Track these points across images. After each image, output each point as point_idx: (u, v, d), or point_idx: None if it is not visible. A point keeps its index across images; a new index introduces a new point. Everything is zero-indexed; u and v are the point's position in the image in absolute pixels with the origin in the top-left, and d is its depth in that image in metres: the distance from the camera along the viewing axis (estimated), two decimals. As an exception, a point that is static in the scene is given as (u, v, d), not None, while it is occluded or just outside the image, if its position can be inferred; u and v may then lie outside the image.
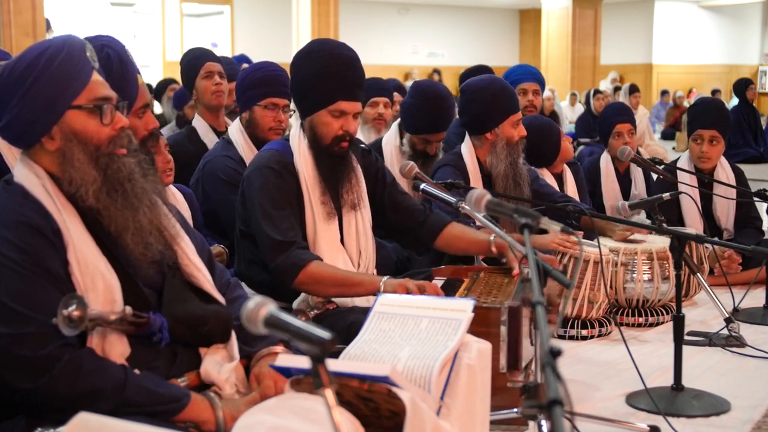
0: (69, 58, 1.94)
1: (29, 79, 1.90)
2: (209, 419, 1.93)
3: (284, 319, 1.47)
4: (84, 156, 1.93)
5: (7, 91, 1.92)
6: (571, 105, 15.09)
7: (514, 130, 3.83)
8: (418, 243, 3.28)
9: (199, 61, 4.41)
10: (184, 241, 2.12)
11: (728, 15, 22.09)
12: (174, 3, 17.83)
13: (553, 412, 1.24)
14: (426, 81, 4.58)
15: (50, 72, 1.91)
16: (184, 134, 4.44)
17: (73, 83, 1.93)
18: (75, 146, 1.93)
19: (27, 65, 1.92)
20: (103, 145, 1.96)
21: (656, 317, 3.94)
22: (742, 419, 2.86)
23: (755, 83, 13.63)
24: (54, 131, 1.93)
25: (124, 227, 1.95)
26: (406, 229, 3.20)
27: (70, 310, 1.77)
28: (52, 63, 1.91)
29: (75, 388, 1.80)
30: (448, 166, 3.86)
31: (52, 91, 1.91)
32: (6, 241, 1.84)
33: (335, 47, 2.94)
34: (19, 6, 9.88)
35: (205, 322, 2.05)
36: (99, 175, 1.93)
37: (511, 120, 3.83)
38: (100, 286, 1.89)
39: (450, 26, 22.18)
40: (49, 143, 1.94)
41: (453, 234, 3.18)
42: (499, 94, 3.83)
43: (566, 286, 2.16)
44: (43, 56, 1.92)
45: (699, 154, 4.74)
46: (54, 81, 1.91)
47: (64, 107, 1.93)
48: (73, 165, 1.92)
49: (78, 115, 1.94)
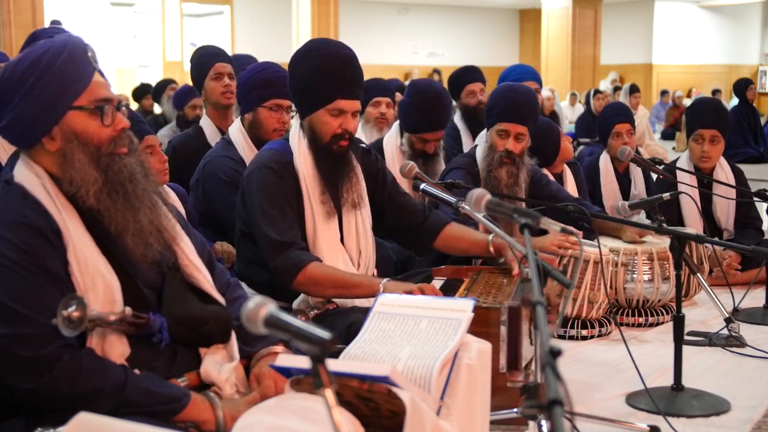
0: (71, 59, 1.94)
1: (30, 80, 1.90)
2: (209, 419, 1.93)
3: (284, 319, 1.47)
4: (84, 156, 1.93)
5: (9, 91, 1.92)
6: (571, 105, 15.09)
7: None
8: (417, 244, 3.28)
9: (209, 61, 4.39)
10: (183, 242, 2.12)
11: (728, 15, 22.09)
12: (174, 3, 17.82)
13: (553, 412, 1.24)
14: (422, 80, 4.57)
15: (52, 72, 1.91)
16: (190, 134, 4.43)
17: (75, 84, 1.94)
18: (76, 147, 1.93)
19: (29, 65, 1.92)
20: (103, 145, 1.96)
21: (656, 317, 3.94)
22: (742, 419, 2.86)
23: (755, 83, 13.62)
24: (55, 132, 1.93)
25: (125, 228, 1.95)
26: (406, 229, 3.20)
27: (70, 311, 1.77)
28: (54, 63, 1.92)
29: (75, 388, 1.80)
30: (460, 169, 3.86)
31: (54, 92, 1.91)
32: (6, 241, 1.84)
33: (333, 46, 2.94)
34: (19, 6, 9.89)
35: (204, 322, 2.06)
36: (100, 176, 1.94)
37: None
38: (100, 286, 1.89)
39: (450, 26, 22.18)
40: (49, 143, 1.94)
41: (452, 234, 3.18)
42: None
43: (566, 286, 2.16)
44: (44, 57, 1.92)
45: (700, 153, 4.73)
46: (55, 82, 1.91)
47: (65, 108, 1.93)
48: (73, 166, 1.92)
49: (79, 116, 1.94)
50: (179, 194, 3.46)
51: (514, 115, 3.83)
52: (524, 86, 4.02)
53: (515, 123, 3.84)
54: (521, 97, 3.87)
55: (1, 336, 1.79)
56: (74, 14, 16.36)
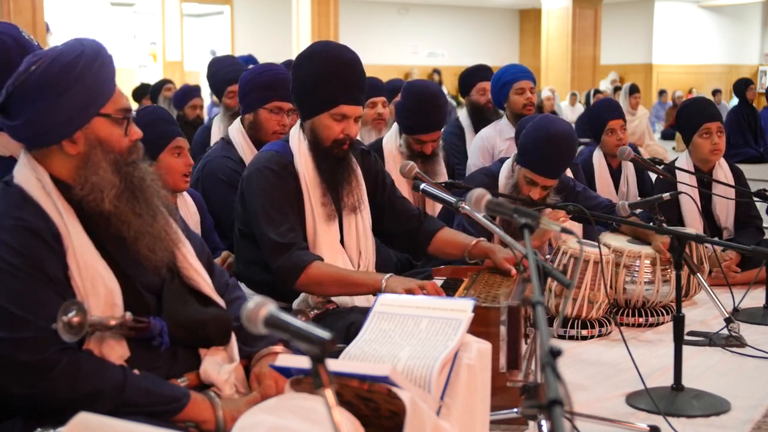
0: (103, 66, 1.96)
1: (65, 81, 1.89)
2: (209, 419, 1.93)
3: (284, 319, 1.47)
4: (107, 163, 1.94)
5: (38, 90, 1.89)
6: (571, 105, 15.09)
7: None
8: (413, 248, 3.28)
9: (227, 78, 4.47)
10: (185, 246, 2.12)
11: (728, 15, 22.09)
12: (174, 3, 17.82)
13: (553, 412, 1.24)
14: (417, 81, 4.54)
15: (86, 77, 1.91)
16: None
17: (104, 91, 1.95)
18: (99, 153, 1.94)
19: (63, 67, 1.90)
20: (124, 153, 1.98)
21: (656, 317, 3.94)
22: (742, 419, 2.86)
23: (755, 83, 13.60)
24: (77, 136, 1.93)
25: (141, 233, 1.96)
26: (403, 234, 3.20)
27: (70, 317, 1.76)
28: (90, 68, 1.92)
29: (74, 391, 1.80)
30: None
31: (86, 97, 1.91)
32: (5, 244, 1.83)
33: (337, 50, 2.93)
34: (19, 6, 9.88)
35: (204, 325, 2.05)
36: (119, 182, 1.95)
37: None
38: (101, 290, 1.89)
39: (450, 26, 22.18)
40: (70, 147, 1.93)
41: (443, 239, 3.18)
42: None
43: (566, 286, 2.16)
44: (80, 60, 1.91)
45: (711, 147, 4.74)
46: (90, 86, 1.92)
47: (92, 113, 1.94)
48: (96, 172, 1.92)
49: (104, 123, 1.95)
50: (196, 200, 3.45)
51: (548, 170, 3.61)
52: (563, 132, 3.64)
53: (547, 178, 3.63)
54: (559, 150, 3.60)
55: (1, 339, 1.78)
56: (74, 14, 16.38)
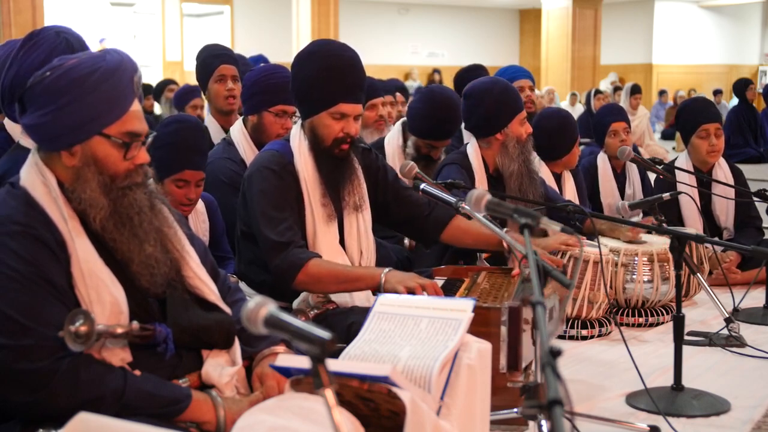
0: (117, 84, 1.91)
1: (72, 94, 1.87)
2: (210, 419, 1.93)
3: (284, 319, 1.47)
4: (96, 184, 1.91)
5: (48, 95, 1.88)
6: (571, 105, 15.08)
7: (522, 127, 3.82)
8: (424, 236, 3.28)
9: (214, 62, 4.35)
10: (189, 255, 2.11)
11: (728, 15, 22.09)
12: (174, 3, 17.82)
13: (553, 412, 1.24)
14: (437, 87, 4.54)
15: (94, 93, 1.88)
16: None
17: (112, 111, 1.91)
18: (91, 171, 1.91)
19: (73, 80, 1.87)
20: (118, 177, 1.94)
21: (656, 317, 3.94)
22: (742, 419, 2.86)
23: (755, 83, 13.62)
24: (75, 149, 1.91)
25: (130, 258, 1.94)
26: (413, 221, 3.20)
27: (77, 326, 1.76)
28: (100, 85, 1.88)
29: (74, 398, 1.78)
30: (453, 164, 3.84)
31: (89, 113, 1.88)
32: (9, 250, 1.82)
33: (337, 48, 2.93)
34: (19, 6, 9.89)
35: (208, 330, 2.04)
36: (108, 205, 1.92)
37: (518, 118, 3.81)
38: (106, 298, 1.88)
39: (450, 26, 22.17)
40: (67, 158, 1.92)
41: (460, 227, 3.18)
42: (504, 94, 3.81)
43: (566, 286, 2.16)
44: (93, 75, 1.88)
45: (709, 148, 4.77)
46: (94, 103, 1.88)
47: (93, 131, 1.91)
48: (85, 189, 1.90)
49: (103, 143, 1.92)
50: (210, 206, 3.45)
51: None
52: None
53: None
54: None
55: (2, 347, 1.77)
56: (74, 14, 16.36)
